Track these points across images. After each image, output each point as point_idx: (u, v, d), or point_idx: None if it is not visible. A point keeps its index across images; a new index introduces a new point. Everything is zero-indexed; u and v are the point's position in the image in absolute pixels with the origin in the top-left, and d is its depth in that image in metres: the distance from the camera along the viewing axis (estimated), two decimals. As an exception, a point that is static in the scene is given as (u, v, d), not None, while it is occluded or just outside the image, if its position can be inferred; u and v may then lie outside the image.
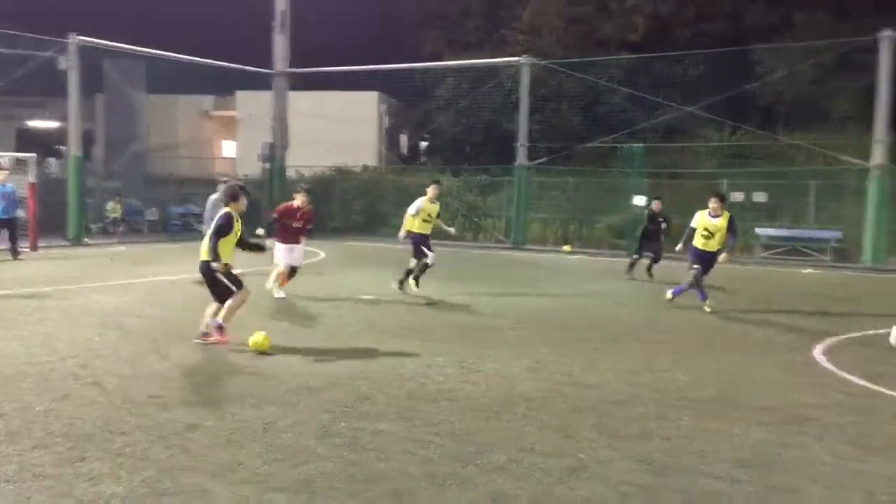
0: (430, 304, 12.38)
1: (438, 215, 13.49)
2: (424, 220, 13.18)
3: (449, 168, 30.38)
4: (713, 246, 12.19)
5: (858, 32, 23.79)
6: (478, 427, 5.93)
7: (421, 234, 13.14)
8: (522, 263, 20.88)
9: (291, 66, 30.22)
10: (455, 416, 6.21)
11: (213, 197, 15.61)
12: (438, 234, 13.90)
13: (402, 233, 13.42)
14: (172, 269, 16.34)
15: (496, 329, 10.37)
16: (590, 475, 4.99)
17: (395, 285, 13.33)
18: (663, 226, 16.76)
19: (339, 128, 32.40)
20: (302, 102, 30.83)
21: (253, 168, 31.13)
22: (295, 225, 12.55)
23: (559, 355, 8.70)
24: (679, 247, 12.96)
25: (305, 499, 4.50)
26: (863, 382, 7.68)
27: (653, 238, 16.73)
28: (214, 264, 8.47)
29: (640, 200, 24.65)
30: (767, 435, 5.91)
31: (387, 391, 6.91)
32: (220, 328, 8.63)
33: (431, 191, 13.42)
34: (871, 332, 10.83)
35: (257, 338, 8.37)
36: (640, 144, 25.38)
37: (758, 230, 23.96)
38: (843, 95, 28.29)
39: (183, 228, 28.60)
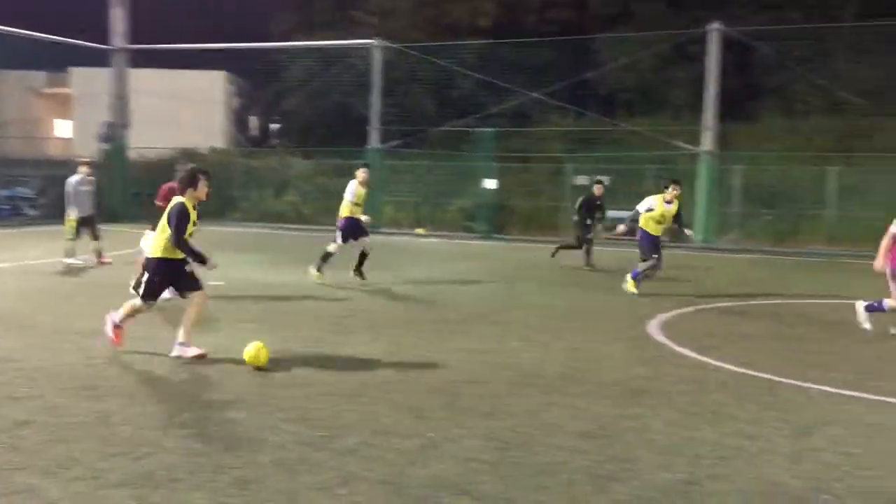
0: (284, 291, 12.17)
1: (365, 200, 13.09)
2: (356, 205, 12.74)
3: (300, 151, 29.87)
4: (662, 231, 12.95)
5: (692, 25, 25.27)
6: (330, 412, 5.89)
7: (347, 219, 12.71)
8: (377, 246, 20.79)
9: (132, 42, 28.67)
10: (307, 401, 6.14)
11: (73, 179, 14.80)
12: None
13: (365, 217, 12.82)
14: (0, 257, 15.22)
15: (351, 313, 10.33)
16: (440, 454, 5.07)
17: (355, 275, 12.98)
18: (600, 213, 16.26)
19: (185, 108, 31.18)
20: (145, 81, 29.34)
21: (91, 149, 29.43)
22: None
23: (415, 337, 8.78)
24: (622, 227, 13.07)
25: (145, 493, 4.31)
26: (693, 355, 8.21)
27: (588, 223, 16.08)
28: (208, 264, 7.44)
29: (490, 184, 25.18)
30: (608, 408, 6.21)
31: (236, 379, 6.74)
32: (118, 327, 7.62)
33: (361, 174, 12.83)
34: (702, 306, 11.61)
35: (253, 352, 7.10)
36: (490, 129, 25.88)
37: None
38: (677, 84, 30.00)
39: (12, 212, 26.72)
